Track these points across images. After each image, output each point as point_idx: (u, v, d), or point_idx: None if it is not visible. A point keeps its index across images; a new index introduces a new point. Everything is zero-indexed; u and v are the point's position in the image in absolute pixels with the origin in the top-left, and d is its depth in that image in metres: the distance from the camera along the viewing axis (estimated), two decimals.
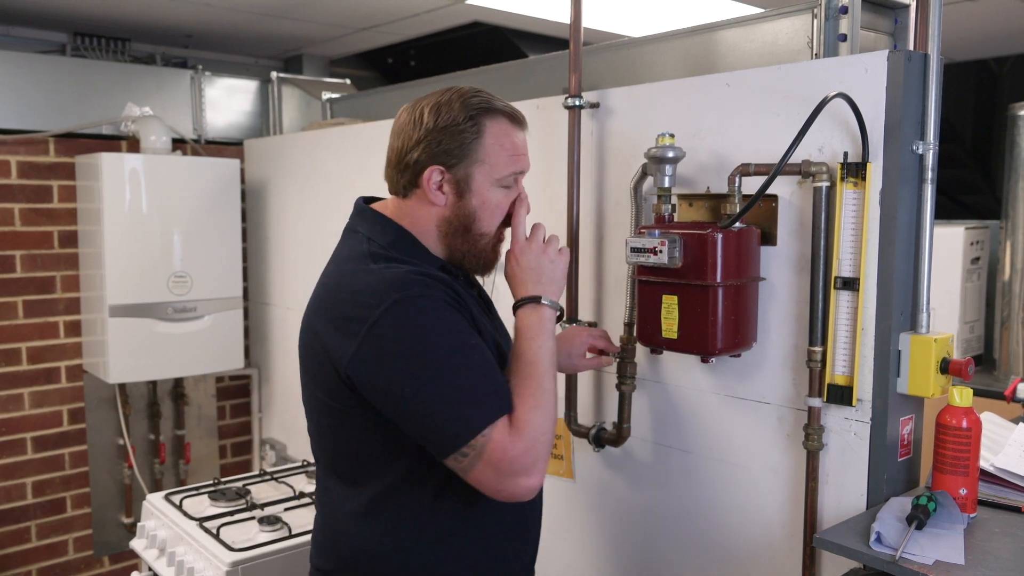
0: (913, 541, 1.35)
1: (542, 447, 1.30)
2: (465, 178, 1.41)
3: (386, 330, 1.29)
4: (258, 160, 3.60)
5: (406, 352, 1.29)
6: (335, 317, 1.36)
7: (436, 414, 1.28)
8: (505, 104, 1.45)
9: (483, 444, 1.26)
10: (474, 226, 1.44)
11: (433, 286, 1.35)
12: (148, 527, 2.39)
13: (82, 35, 3.51)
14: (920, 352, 1.51)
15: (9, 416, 3.23)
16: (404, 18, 3.30)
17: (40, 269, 3.25)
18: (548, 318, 1.43)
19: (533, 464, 1.29)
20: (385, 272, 1.35)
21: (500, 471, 1.27)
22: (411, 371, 1.28)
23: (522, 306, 1.45)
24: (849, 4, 1.71)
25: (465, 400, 1.29)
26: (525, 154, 1.47)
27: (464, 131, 1.39)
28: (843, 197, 1.54)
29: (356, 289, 1.35)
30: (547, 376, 1.36)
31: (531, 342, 1.39)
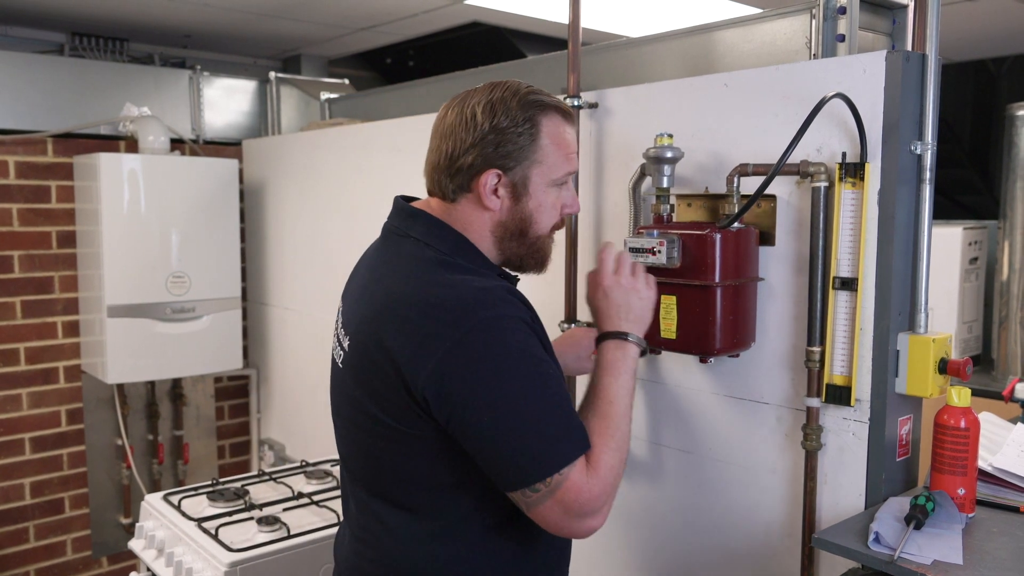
0: (911, 541, 1.36)
1: (613, 490, 1.26)
2: (522, 180, 1.34)
3: (470, 351, 1.21)
4: (256, 160, 3.60)
5: (489, 378, 1.22)
6: (411, 331, 1.24)
7: (513, 447, 1.22)
8: (556, 99, 1.38)
9: (558, 483, 1.21)
10: (530, 229, 1.38)
11: (517, 305, 1.29)
12: (146, 527, 2.39)
13: (80, 35, 3.51)
14: (918, 352, 1.52)
15: (7, 416, 3.22)
16: (403, 18, 3.30)
17: (38, 269, 3.25)
18: (632, 356, 1.39)
19: (603, 506, 1.25)
20: (467, 286, 1.27)
21: (569, 511, 1.22)
22: (492, 399, 1.21)
23: (606, 340, 1.41)
24: (847, 4, 1.71)
25: (545, 436, 1.22)
26: (576, 152, 1.41)
27: (522, 133, 1.32)
28: (841, 197, 1.54)
29: (435, 303, 1.25)
30: (625, 417, 1.32)
31: (613, 380, 1.35)
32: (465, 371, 1.21)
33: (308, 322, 3.26)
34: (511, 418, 1.21)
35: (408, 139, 2.70)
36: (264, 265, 3.58)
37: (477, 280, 1.30)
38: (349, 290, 1.48)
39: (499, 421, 1.21)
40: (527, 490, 1.22)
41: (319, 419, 3.28)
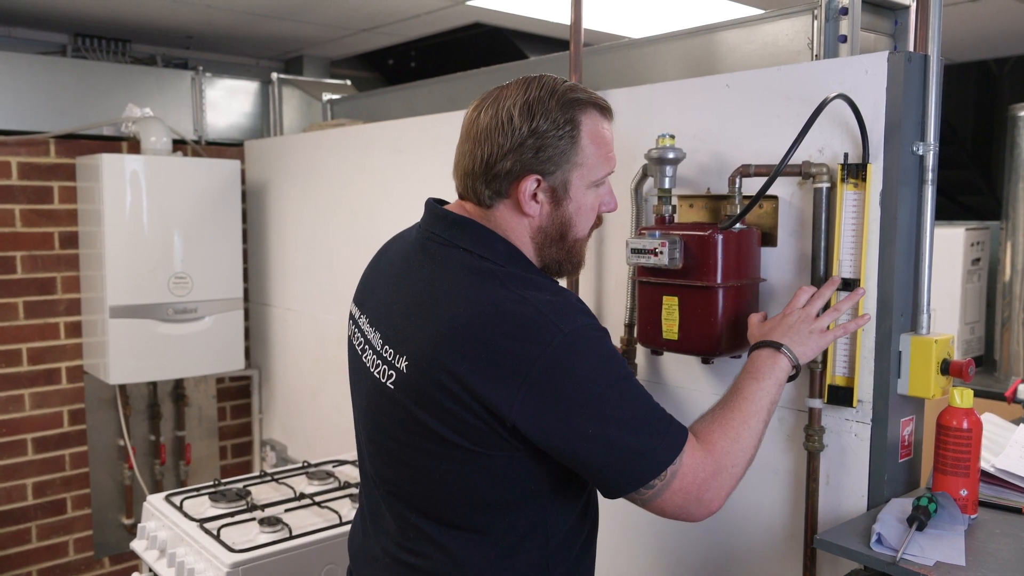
0: (914, 542, 1.35)
1: (730, 476, 1.26)
2: (563, 185, 1.29)
3: (559, 369, 1.17)
4: (258, 161, 3.60)
5: (585, 391, 1.18)
6: (492, 355, 1.18)
7: (623, 453, 1.21)
8: (593, 94, 1.34)
9: (673, 473, 1.21)
10: (570, 233, 1.33)
11: (588, 311, 1.27)
12: (148, 528, 2.39)
13: (83, 36, 3.52)
14: (920, 353, 1.51)
15: (10, 417, 3.23)
16: (405, 19, 3.30)
17: (41, 270, 3.25)
18: (781, 367, 1.39)
19: (720, 489, 1.25)
20: (541, 299, 1.22)
21: (688, 496, 1.23)
22: (593, 411, 1.18)
23: (761, 347, 1.42)
24: (849, 5, 1.71)
25: (650, 434, 1.22)
26: (613, 148, 1.35)
27: (563, 136, 1.27)
28: (843, 198, 1.54)
29: (514, 322, 1.19)
30: (756, 416, 1.31)
31: (755, 382, 1.36)
32: (559, 389, 1.18)
33: (310, 323, 3.26)
34: (613, 427, 1.19)
35: (410, 140, 2.70)
36: (266, 266, 3.59)
37: (544, 292, 1.25)
38: (378, 299, 1.40)
39: (602, 432, 1.19)
40: (642, 488, 1.22)
41: (321, 420, 3.28)
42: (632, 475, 1.21)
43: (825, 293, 1.51)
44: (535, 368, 1.17)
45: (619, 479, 1.22)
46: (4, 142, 3.14)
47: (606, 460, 1.21)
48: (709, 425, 1.30)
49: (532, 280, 1.27)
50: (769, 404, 1.35)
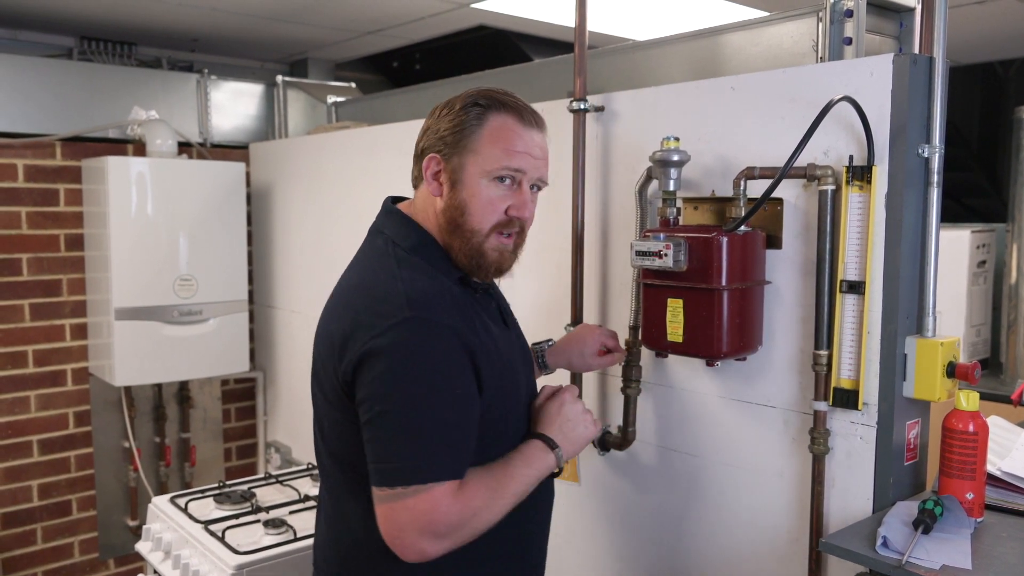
0: (919, 545, 1.35)
1: (465, 529, 1.29)
2: (458, 167, 1.39)
3: (385, 344, 1.27)
4: (263, 164, 3.61)
5: (393, 374, 1.27)
6: (351, 319, 1.34)
7: (391, 443, 1.27)
8: (518, 101, 1.42)
9: (417, 491, 1.25)
10: (464, 220, 1.39)
11: (450, 310, 1.33)
12: (153, 530, 2.40)
13: (89, 39, 3.53)
14: (926, 356, 1.51)
15: (15, 419, 3.24)
16: (409, 22, 3.30)
17: (46, 272, 3.26)
18: (548, 465, 1.44)
19: (446, 536, 1.27)
20: (409, 283, 1.33)
21: (414, 521, 1.25)
22: (388, 393, 1.27)
23: (539, 438, 1.46)
24: (854, 7, 1.71)
25: (423, 445, 1.27)
26: (527, 153, 1.40)
27: (463, 121, 1.39)
28: (848, 201, 1.54)
29: (377, 295, 1.34)
30: (510, 497, 1.36)
31: (523, 467, 1.40)
32: (378, 361, 1.28)
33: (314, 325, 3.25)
34: (399, 417, 1.27)
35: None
36: (271, 268, 3.59)
37: (424, 280, 1.35)
38: None
39: (387, 416, 1.27)
40: (386, 487, 1.27)
41: None
42: (385, 467, 1.27)
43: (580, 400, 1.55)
44: (371, 336, 1.29)
45: (376, 465, 1.28)
46: (10, 145, 3.15)
47: (374, 440, 1.29)
48: (477, 482, 1.32)
49: (422, 267, 1.38)
50: (524, 491, 1.39)
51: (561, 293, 2.12)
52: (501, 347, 1.44)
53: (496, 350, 1.41)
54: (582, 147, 2.01)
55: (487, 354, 1.38)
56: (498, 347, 1.43)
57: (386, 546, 1.31)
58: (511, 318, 1.60)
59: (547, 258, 2.18)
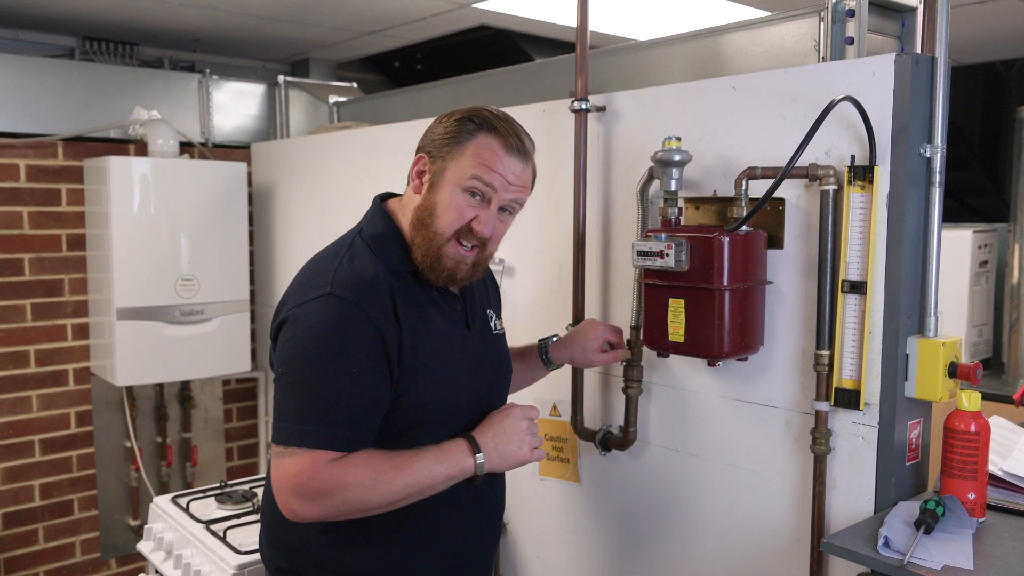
0: (921, 546, 1.35)
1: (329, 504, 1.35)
2: (439, 171, 1.47)
3: (300, 314, 1.39)
4: (265, 164, 3.61)
5: (296, 340, 1.38)
6: (289, 291, 1.48)
7: (283, 404, 1.37)
8: (510, 128, 1.48)
9: (292, 452, 1.34)
10: (430, 221, 1.46)
11: (370, 296, 1.39)
12: (155, 530, 2.40)
13: (90, 39, 3.53)
14: (928, 356, 1.51)
15: (17, 418, 3.24)
16: (411, 22, 3.30)
17: (48, 272, 3.26)
18: (463, 470, 1.44)
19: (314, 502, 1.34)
20: (343, 266, 1.43)
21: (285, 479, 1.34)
22: (291, 356, 1.38)
23: (467, 439, 1.47)
24: (856, 7, 1.71)
25: (308, 413, 1.35)
26: (502, 175, 1.45)
27: (454, 132, 1.47)
28: (850, 200, 1.54)
29: (315, 273, 1.45)
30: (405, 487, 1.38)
31: (434, 463, 1.41)
32: (290, 327, 1.40)
33: None
34: (292, 382, 1.37)
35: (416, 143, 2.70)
36: (272, 268, 3.59)
37: (363, 265, 1.43)
38: None
39: (285, 380, 1.38)
40: (275, 444, 1.37)
41: None
42: (275, 426, 1.38)
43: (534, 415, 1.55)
44: (293, 304, 1.41)
45: (273, 423, 1.39)
46: (12, 145, 3.16)
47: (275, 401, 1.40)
48: (364, 457, 1.37)
49: (368, 256, 1.46)
50: (426, 486, 1.41)
51: (563, 293, 2.12)
52: (446, 345, 1.49)
53: (434, 345, 1.46)
54: (584, 147, 2.01)
55: (415, 345, 1.42)
56: (440, 343, 1.47)
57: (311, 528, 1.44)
58: (483, 326, 1.63)
59: (549, 258, 2.18)
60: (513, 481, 2.31)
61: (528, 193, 1.54)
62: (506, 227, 1.54)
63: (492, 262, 2.30)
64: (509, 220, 1.54)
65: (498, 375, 1.65)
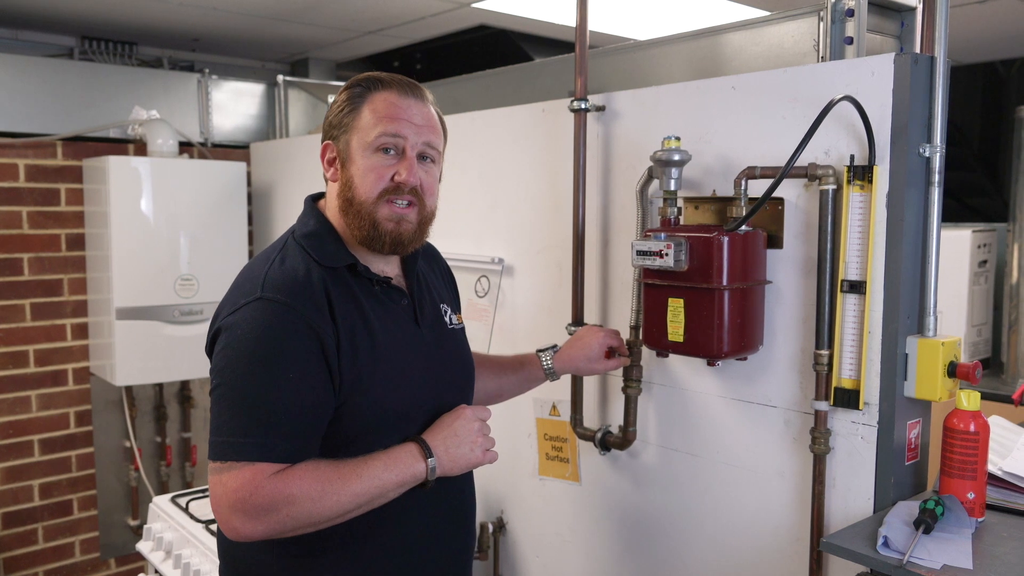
0: (920, 545, 1.35)
1: (275, 520, 1.27)
2: (344, 147, 1.45)
3: (233, 322, 1.33)
4: (264, 163, 3.61)
5: (229, 349, 1.32)
6: (223, 300, 1.43)
7: (218, 417, 1.31)
8: (395, 77, 1.47)
9: (231, 467, 1.27)
10: (353, 194, 1.42)
11: (303, 296, 1.34)
12: (154, 529, 2.40)
13: (90, 39, 3.53)
14: (927, 355, 1.51)
15: (16, 418, 3.24)
16: (410, 21, 3.30)
17: (47, 272, 3.26)
18: (414, 475, 1.38)
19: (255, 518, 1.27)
20: (274, 268, 1.39)
21: (225, 496, 1.27)
22: (225, 367, 1.32)
23: (417, 443, 1.40)
24: (855, 7, 1.71)
25: (245, 425, 1.28)
26: (407, 120, 1.42)
27: (345, 103, 1.45)
28: (849, 200, 1.54)
29: (246, 278, 1.41)
30: (353, 496, 1.31)
31: (383, 470, 1.35)
32: (223, 336, 1.34)
33: None
34: (228, 393, 1.31)
35: None
36: None
37: (294, 264, 1.39)
38: None
39: (220, 391, 1.32)
40: (211, 460, 1.31)
41: None
42: (210, 441, 1.31)
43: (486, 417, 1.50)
44: (225, 313, 1.36)
45: (210, 436, 1.32)
46: (11, 144, 3.16)
47: (210, 414, 1.34)
48: (308, 468, 1.30)
49: (300, 255, 1.41)
50: (376, 494, 1.34)
51: (562, 293, 2.12)
52: (392, 343, 1.42)
53: (375, 342, 1.39)
54: (583, 147, 2.01)
55: (355, 345, 1.36)
56: (385, 342, 1.41)
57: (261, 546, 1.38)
58: (434, 320, 1.56)
59: (548, 257, 2.18)
60: (513, 481, 2.31)
61: (441, 137, 1.50)
62: (433, 179, 1.48)
63: (491, 262, 2.31)
64: (434, 170, 1.48)
65: (454, 372, 1.57)
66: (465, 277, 2.32)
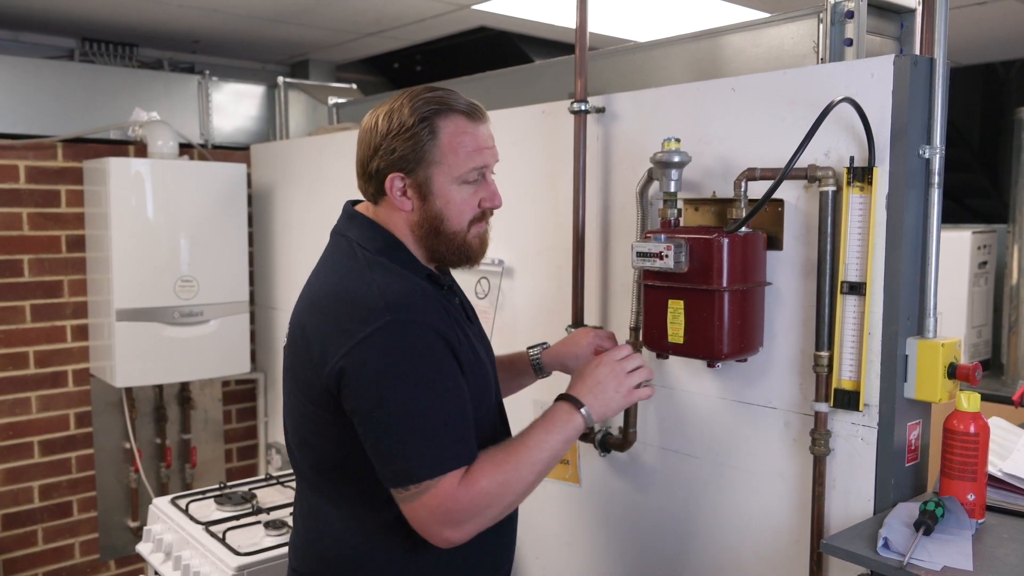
0: (921, 547, 1.35)
1: (482, 515, 1.32)
2: (425, 181, 1.42)
3: (373, 349, 1.30)
4: (264, 165, 3.61)
5: (385, 376, 1.30)
6: (329, 324, 1.36)
7: (393, 445, 1.30)
8: (460, 100, 1.44)
9: (428, 487, 1.29)
10: (443, 226, 1.44)
11: (427, 309, 1.37)
12: (154, 531, 2.40)
13: (90, 40, 3.53)
14: (927, 357, 1.51)
15: (16, 420, 3.24)
16: (410, 23, 3.31)
17: (47, 273, 3.26)
18: (575, 426, 1.43)
19: (465, 523, 1.31)
20: (384, 286, 1.36)
21: (432, 516, 1.29)
22: (383, 396, 1.30)
23: (564, 400, 1.46)
24: (855, 9, 1.71)
25: (425, 443, 1.30)
26: (488, 148, 1.46)
27: (416, 135, 1.40)
28: (849, 202, 1.54)
29: (353, 300, 1.35)
30: (531, 468, 1.36)
31: (544, 433, 1.40)
32: (364, 368, 1.30)
33: None
34: (394, 420, 1.30)
35: None
36: (272, 269, 3.59)
37: (398, 281, 1.38)
38: None
39: (383, 420, 1.30)
40: (400, 488, 1.31)
41: None
42: (392, 471, 1.31)
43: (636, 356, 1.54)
44: (353, 342, 1.31)
45: (383, 470, 1.32)
46: (11, 146, 3.16)
47: (378, 446, 1.32)
48: (483, 462, 1.34)
49: (392, 269, 1.41)
50: (549, 458, 1.39)
51: (562, 294, 2.12)
52: (471, 340, 1.48)
53: (469, 343, 1.45)
54: (583, 148, 2.01)
55: (462, 347, 1.41)
56: (469, 340, 1.47)
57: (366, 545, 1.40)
58: (473, 313, 1.64)
59: (548, 259, 2.18)
60: None
61: None
62: None
63: (491, 263, 2.31)
64: None
65: (492, 361, 1.64)
66: (465, 278, 2.31)
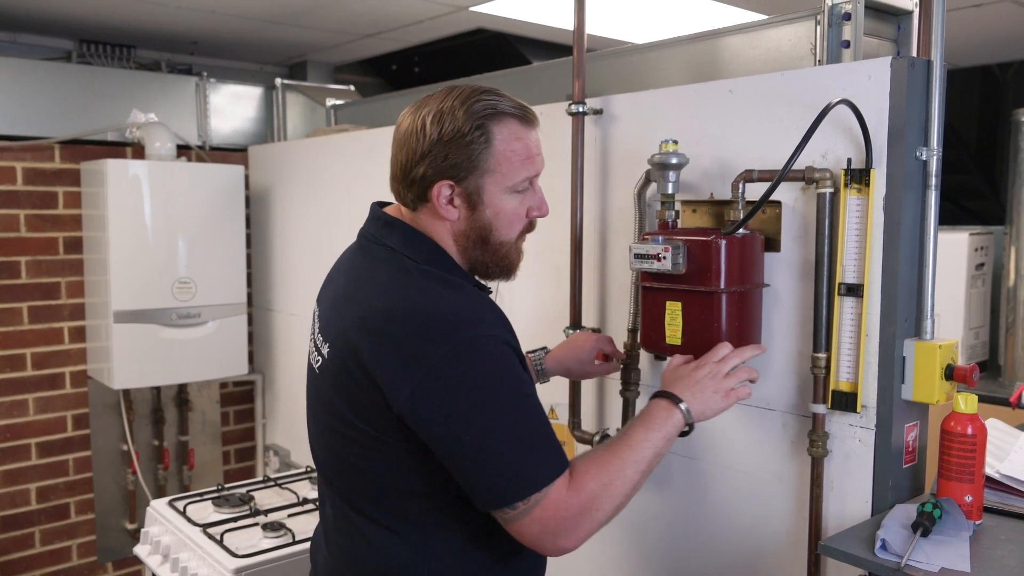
0: (918, 548, 1.35)
1: (590, 519, 1.27)
2: (476, 190, 1.33)
3: (450, 371, 1.23)
4: (262, 166, 3.61)
5: (468, 399, 1.23)
6: (392, 348, 1.25)
7: (491, 468, 1.24)
8: (513, 104, 1.36)
9: (536, 501, 1.23)
10: (492, 236, 1.37)
11: (496, 323, 1.31)
12: (152, 533, 2.39)
13: (88, 42, 3.53)
14: (925, 358, 1.51)
15: (14, 422, 3.23)
16: (408, 25, 3.31)
17: (45, 275, 3.26)
18: (675, 423, 1.40)
19: (577, 529, 1.26)
20: (448, 300, 1.29)
21: (546, 529, 1.24)
22: (470, 420, 1.23)
23: (661, 397, 1.43)
24: (852, 11, 1.71)
25: (522, 457, 1.24)
26: (538, 155, 1.39)
27: (471, 142, 1.30)
28: (847, 203, 1.54)
29: (420, 319, 1.25)
30: (634, 467, 1.32)
31: (644, 431, 1.36)
32: (445, 392, 1.23)
33: None
34: (489, 440, 1.23)
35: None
36: (269, 271, 3.59)
37: (456, 293, 1.31)
38: (325, 295, 1.49)
39: (477, 442, 1.23)
40: (506, 508, 1.24)
41: None
42: (496, 492, 1.24)
43: (745, 353, 1.53)
44: (427, 367, 1.22)
45: (485, 493, 1.25)
46: (9, 147, 3.15)
47: (474, 472, 1.25)
48: (586, 465, 1.30)
49: (449, 281, 1.33)
50: (652, 456, 1.35)
51: (560, 296, 2.12)
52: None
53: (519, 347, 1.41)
54: (581, 150, 2.01)
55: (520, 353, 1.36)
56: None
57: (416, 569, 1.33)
58: None
59: (546, 260, 2.18)
60: None
61: None
62: None
63: None
64: None
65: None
66: None
